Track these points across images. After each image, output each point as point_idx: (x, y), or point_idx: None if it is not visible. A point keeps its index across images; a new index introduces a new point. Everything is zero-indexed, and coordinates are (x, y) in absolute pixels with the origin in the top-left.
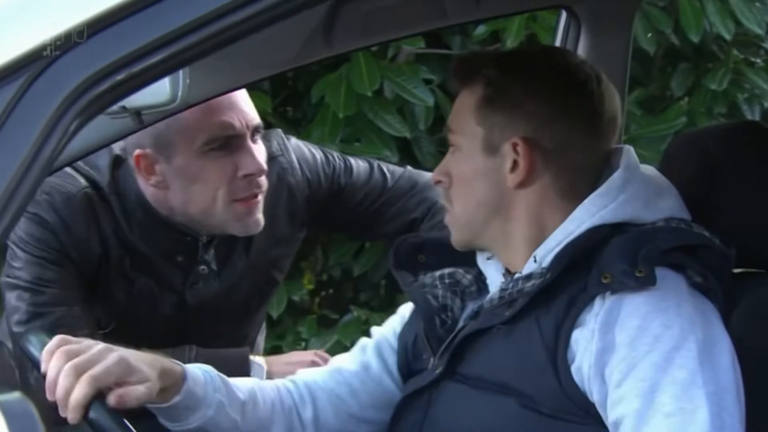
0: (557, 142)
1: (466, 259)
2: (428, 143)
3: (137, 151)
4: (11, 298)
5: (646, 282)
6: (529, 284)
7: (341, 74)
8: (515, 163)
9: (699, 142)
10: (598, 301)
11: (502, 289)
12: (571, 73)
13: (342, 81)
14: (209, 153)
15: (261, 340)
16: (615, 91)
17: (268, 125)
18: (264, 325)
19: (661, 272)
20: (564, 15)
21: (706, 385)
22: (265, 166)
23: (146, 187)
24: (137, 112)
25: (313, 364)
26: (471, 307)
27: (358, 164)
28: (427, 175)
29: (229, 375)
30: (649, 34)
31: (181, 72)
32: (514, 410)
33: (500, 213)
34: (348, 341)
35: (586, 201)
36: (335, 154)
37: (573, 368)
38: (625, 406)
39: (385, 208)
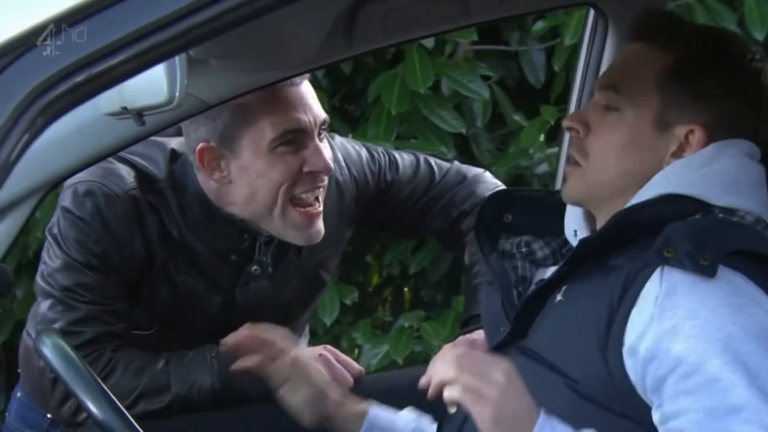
0: (730, 137)
1: (554, 226)
2: (486, 140)
3: (201, 144)
4: (44, 306)
5: (705, 272)
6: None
7: (397, 72)
8: (680, 147)
9: None
10: (654, 280)
11: (555, 253)
12: (758, 66)
13: (397, 78)
14: (278, 149)
15: (304, 344)
16: None
17: None
18: (307, 329)
19: (727, 270)
20: (592, 12)
21: None
22: (331, 164)
23: (207, 182)
24: (139, 114)
25: (321, 358)
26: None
27: (404, 158)
28: (475, 170)
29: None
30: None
31: (178, 73)
32: (559, 389)
33: (638, 187)
34: (399, 356)
35: (668, 168)
36: (380, 149)
37: (625, 350)
38: (692, 401)
39: (434, 202)
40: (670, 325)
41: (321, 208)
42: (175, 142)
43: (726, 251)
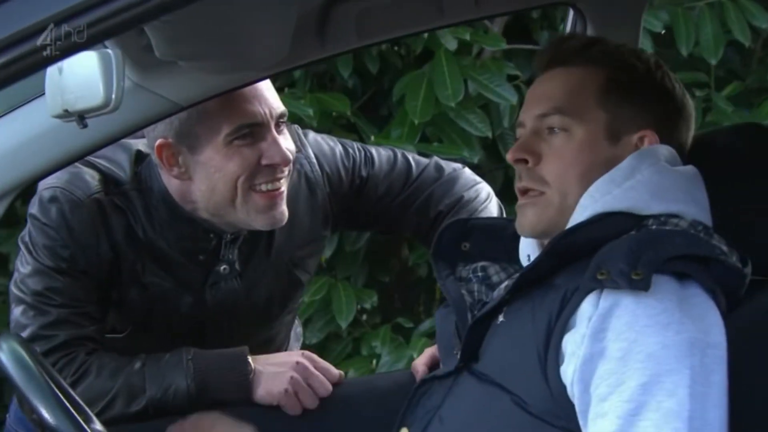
0: (673, 141)
1: (510, 252)
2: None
3: (159, 141)
4: (17, 311)
5: (639, 286)
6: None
7: (423, 73)
8: None
9: (703, 145)
10: (591, 301)
11: (510, 278)
12: (670, 71)
13: (423, 80)
14: (233, 143)
15: (297, 347)
16: None
17: (349, 125)
18: (300, 332)
19: (666, 281)
20: (572, 12)
21: (692, 420)
22: (290, 155)
23: (169, 179)
24: (80, 116)
25: (298, 365)
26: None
27: (380, 154)
28: (453, 165)
29: (227, 374)
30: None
31: (114, 75)
32: (508, 408)
33: None
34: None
35: (592, 187)
36: (356, 145)
37: (561, 369)
38: (606, 424)
39: (412, 199)
40: (599, 347)
41: (283, 190)
42: (141, 143)
43: (659, 261)
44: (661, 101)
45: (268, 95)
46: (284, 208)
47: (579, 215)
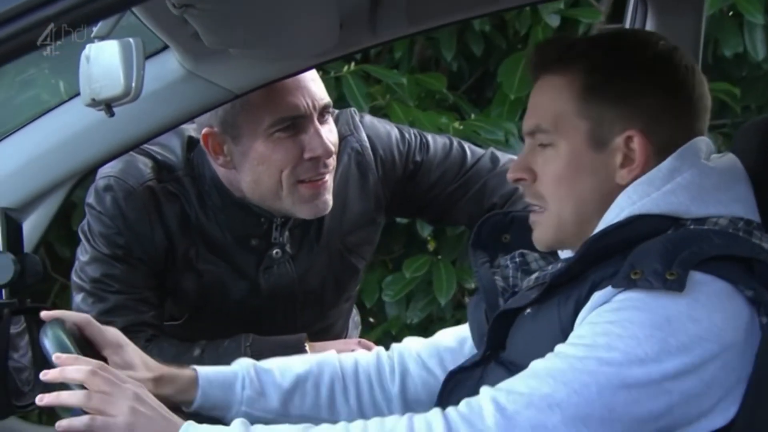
0: (668, 136)
1: None
2: None
3: (205, 130)
4: (77, 299)
5: (673, 287)
6: (558, 266)
7: (522, 54)
8: (626, 158)
9: (763, 128)
10: (608, 292)
11: (541, 271)
12: (674, 59)
13: (521, 60)
14: (275, 134)
15: (355, 336)
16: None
17: (449, 106)
18: (358, 320)
19: (704, 279)
20: None
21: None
22: (332, 147)
23: (217, 167)
24: (107, 105)
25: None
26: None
27: (436, 140)
28: (509, 156)
29: None
30: None
31: (134, 64)
32: None
33: (602, 210)
34: None
35: (629, 188)
36: (412, 130)
37: None
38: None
39: (465, 188)
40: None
41: (327, 179)
42: (193, 129)
43: (694, 262)
44: (651, 94)
45: (313, 86)
46: (327, 197)
47: (614, 215)
